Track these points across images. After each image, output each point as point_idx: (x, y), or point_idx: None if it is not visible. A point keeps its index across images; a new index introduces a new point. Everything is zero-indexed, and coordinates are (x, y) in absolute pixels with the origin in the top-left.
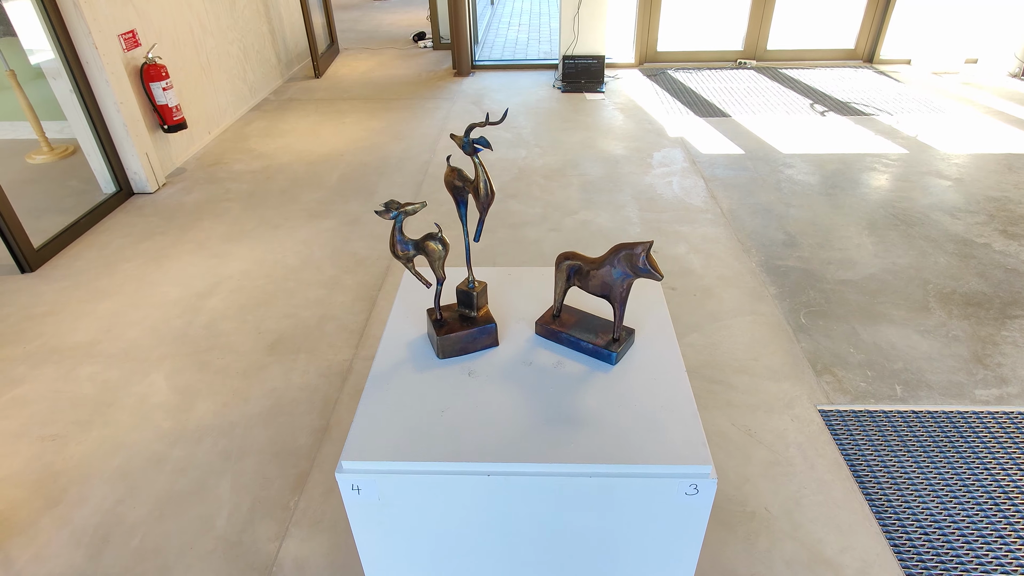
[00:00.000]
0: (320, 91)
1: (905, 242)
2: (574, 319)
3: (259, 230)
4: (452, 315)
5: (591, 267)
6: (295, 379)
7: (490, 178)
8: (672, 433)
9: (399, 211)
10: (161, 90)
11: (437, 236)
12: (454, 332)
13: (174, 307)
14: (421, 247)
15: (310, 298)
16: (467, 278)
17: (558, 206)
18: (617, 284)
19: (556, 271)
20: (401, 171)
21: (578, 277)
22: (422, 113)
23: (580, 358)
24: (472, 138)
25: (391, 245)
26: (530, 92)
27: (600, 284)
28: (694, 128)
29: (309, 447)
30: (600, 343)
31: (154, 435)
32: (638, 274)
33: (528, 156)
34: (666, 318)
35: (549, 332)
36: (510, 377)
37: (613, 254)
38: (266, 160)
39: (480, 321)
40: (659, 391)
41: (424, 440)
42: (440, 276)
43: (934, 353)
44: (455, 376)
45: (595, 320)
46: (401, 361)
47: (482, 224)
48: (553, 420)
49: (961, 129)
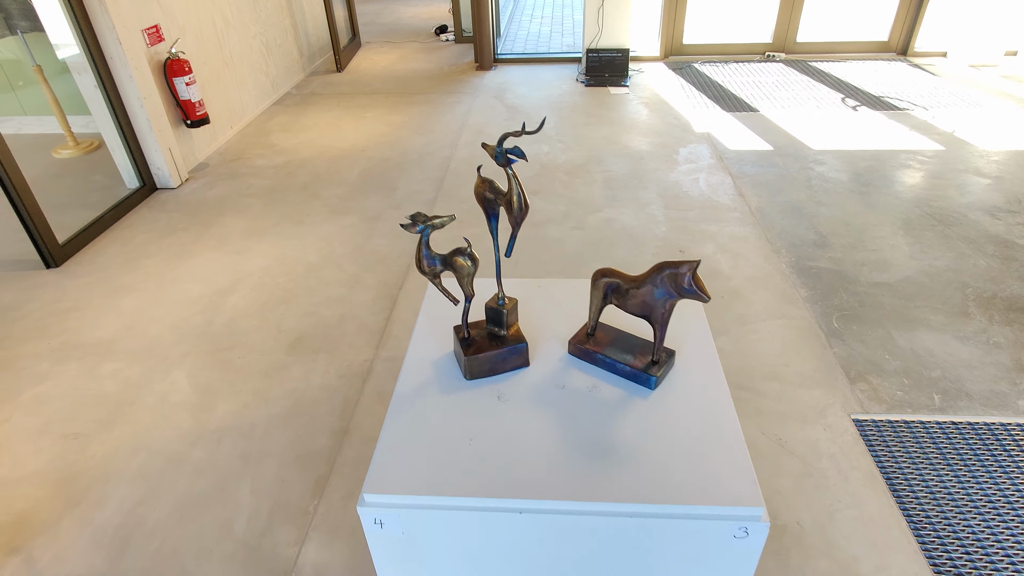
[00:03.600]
0: (342, 85)
1: (942, 243)
2: (610, 338)
3: (280, 226)
4: (480, 333)
5: (631, 285)
6: (315, 379)
7: (524, 191)
8: (719, 469)
9: (426, 224)
10: (184, 85)
11: (466, 251)
12: (483, 352)
13: (195, 304)
14: (449, 263)
15: (331, 296)
16: (496, 294)
17: (581, 203)
18: (659, 305)
19: (592, 288)
20: (422, 167)
21: (616, 295)
22: (443, 108)
23: (616, 381)
24: (505, 148)
25: (417, 260)
26: (553, 86)
27: (640, 304)
28: (721, 123)
29: (329, 450)
30: (639, 366)
31: (175, 435)
32: (682, 295)
33: (551, 152)
34: (708, 338)
35: (583, 352)
36: (542, 401)
37: (655, 273)
38: (288, 155)
39: (510, 340)
40: (703, 420)
41: (452, 472)
42: (469, 293)
43: (974, 361)
44: (484, 399)
45: (632, 340)
46: (426, 382)
47: (514, 239)
48: (589, 451)
49: (1000, 125)
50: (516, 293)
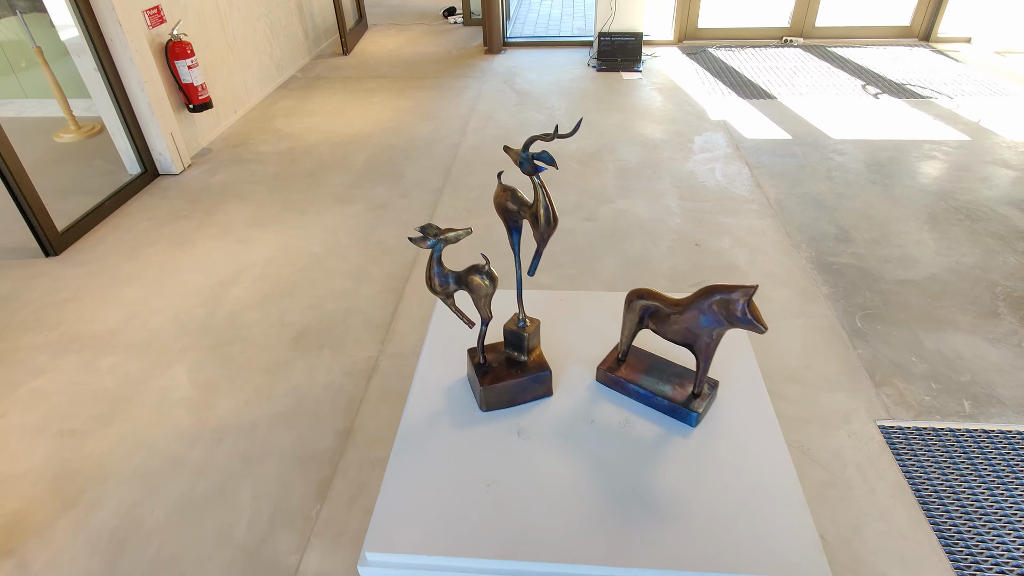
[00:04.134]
0: (348, 69)
1: (970, 239)
2: (644, 365)
3: (284, 215)
4: (498, 358)
5: (672, 310)
6: (319, 377)
7: (553, 202)
8: (775, 528)
9: (438, 238)
10: (186, 68)
11: (484, 269)
12: (501, 381)
13: (197, 296)
14: (464, 281)
15: (335, 289)
16: (516, 315)
17: (593, 193)
18: (705, 333)
19: (626, 311)
20: (430, 154)
21: (654, 320)
22: (451, 93)
23: (652, 415)
24: (532, 153)
25: (427, 278)
26: (564, 71)
27: (683, 331)
28: (737, 110)
29: (332, 451)
30: (678, 399)
31: (174, 433)
32: (734, 324)
33: (561, 140)
34: (753, 366)
35: (614, 381)
36: (568, 439)
37: (703, 297)
38: (292, 141)
39: (532, 367)
40: (753, 466)
41: (465, 526)
42: (486, 316)
43: (1005, 365)
44: (502, 435)
45: (669, 367)
46: (436, 413)
47: (540, 256)
48: (623, 502)
49: None
50: (535, 307)
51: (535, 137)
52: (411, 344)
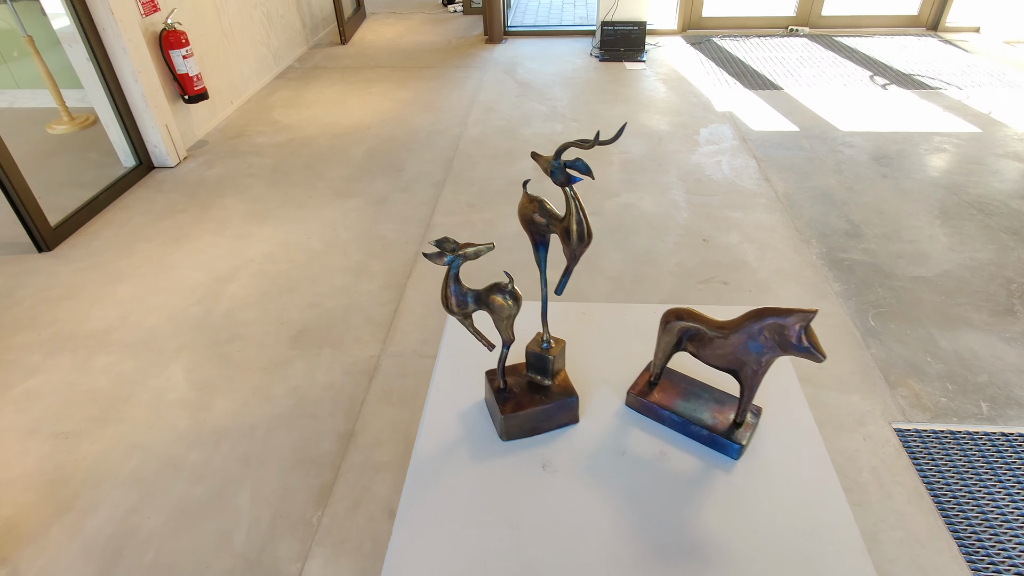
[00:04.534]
0: (346, 58)
1: (983, 234)
2: (678, 389)
3: (283, 209)
4: (519, 382)
5: (716, 333)
6: (319, 376)
7: (587, 216)
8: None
9: (456, 254)
10: (181, 58)
11: (507, 288)
12: (524, 408)
13: (193, 293)
14: (484, 301)
15: (335, 285)
16: (540, 335)
17: (598, 187)
18: (753, 360)
19: (661, 332)
20: (431, 146)
21: (694, 343)
22: (452, 83)
23: (689, 446)
24: (564, 161)
25: (443, 296)
26: (566, 61)
27: (727, 357)
28: (743, 102)
29: (333, 455)
30: (719, 428)
31: (170, 436)
32: (788, 351)
33: (564, 131)
34: (797, 390)
35: (646, 407)
36: (598, 473)
37: (753, 320)
38: (290, 133)
39: (557, 393)
40: (804, 505)
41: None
42: (508, 338)
43: (1023, 365)
44: (524, 469)
45: (707, 391)
46: (451, 443)
47: (570, 274)
48: (661, 545)
49: None
50: (554, 322)
51: (569, 144)
52: (413, 343)
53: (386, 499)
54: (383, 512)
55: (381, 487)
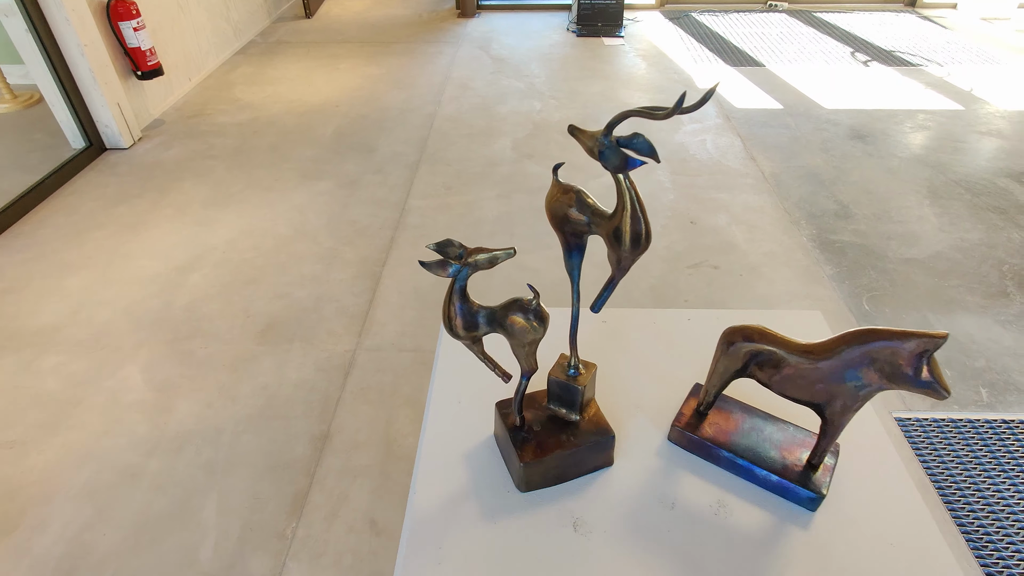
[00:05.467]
0: (312, 33)
1: (972, 214)
2: (734, 420)
3: (247, 193)
4: (539, 417)
5: (800, 359)
6: (290, 374)
7: (646, 214)
8: None
9: (464, 262)
10: (132, 30)
11: (531, 307)
12: (547, 452)
13: (151, 284)
14: (500, 322)
15: (305, 274)
16: (567, 359)
17: (580, 167)
18: (847, 394)
19: (721, 354)
20: (403, 125)
21: (764, 370)
22: (424, 59)
23: (752, 493)
24: (618, 138)
25: (446, 316)
26: (542, 36)
27: (812, 388)
28: (725, 78)
29: (307, 459)
30: (791, 472)
31: (128, 442)
32: (899, 384)
33: (544, 109)
34: (873, 419)
35: (695, 444)
36: (643, 531)
37: (854, 344)
38: (253, 111)
39: (588, 431)
40: (904, 569)
41: None
42: (529, 367)
43: (1020, 348)
44: (551, 528)
45: (770, 423)
46: (455, 496)
47: (614, 287)
48: None
49: (1020, 83)
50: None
51: (630, 113)
52: (391, 335)
53: (366, 507)
54: (363, 522)
55: (360, 494)
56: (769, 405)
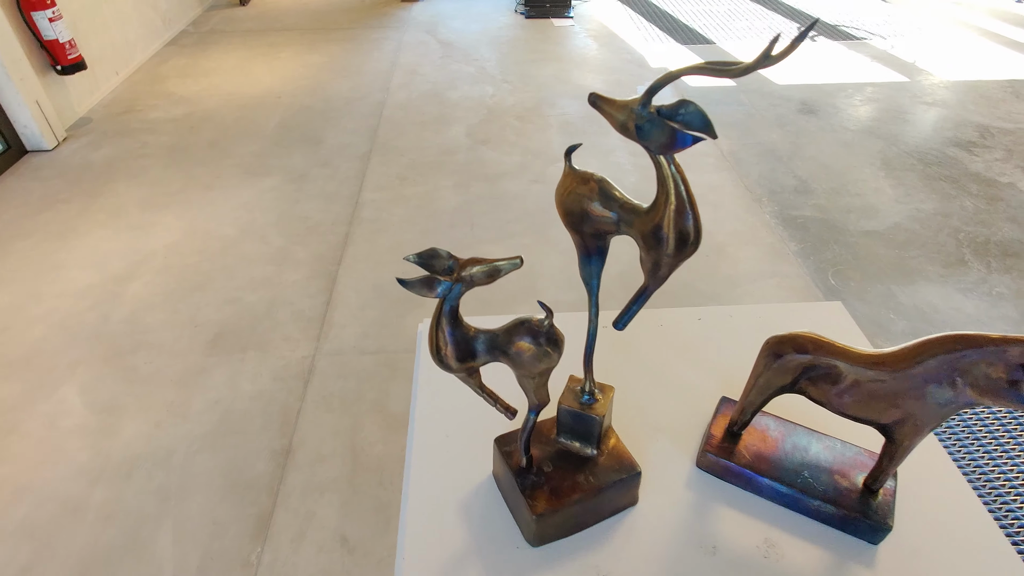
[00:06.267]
0: (248, 21)
1: (925, 184)
2: (773, 440)
3: (187, 192)
4: (547, 453)
5: (869, 373)
6: (244, 385)
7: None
8: None
9: (456, 279)
10: (47, 21)
11: (542, 329)
12: (564, 499)
13: (86, 296)
14: (503, 349)
15: (255, 277)
16: (580, 384)
17: (538, 152)
18: (928, 413)
19: (764, 368)
20: (351, 115)
21: (818, 385)
22: (369, 45)
23: (802, 526)
24: (661, 108)
25: (433, 346)
26: (490, 19)
27: (883, 405)
28: (677, 57)
29: (269, 476)
30: (847, 499)
31: (68, 472)
32: (996, 400)
33: (496, 94)
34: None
35: (731, 472)
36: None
37: (939, 354)
38: (189, 105)
39: (609, 467)
40: None
41: None
42: (541, 400)
43: (981, 315)
44: None
45: (814, 440)
46: (454, 557)
47: (647, 298)
48: None
49: (960, 54)
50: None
51: (685, 71)
52: (351, 338)
53: (335, 524)
54: (334, 540)
55: (328, 511)
56: (804, 416)
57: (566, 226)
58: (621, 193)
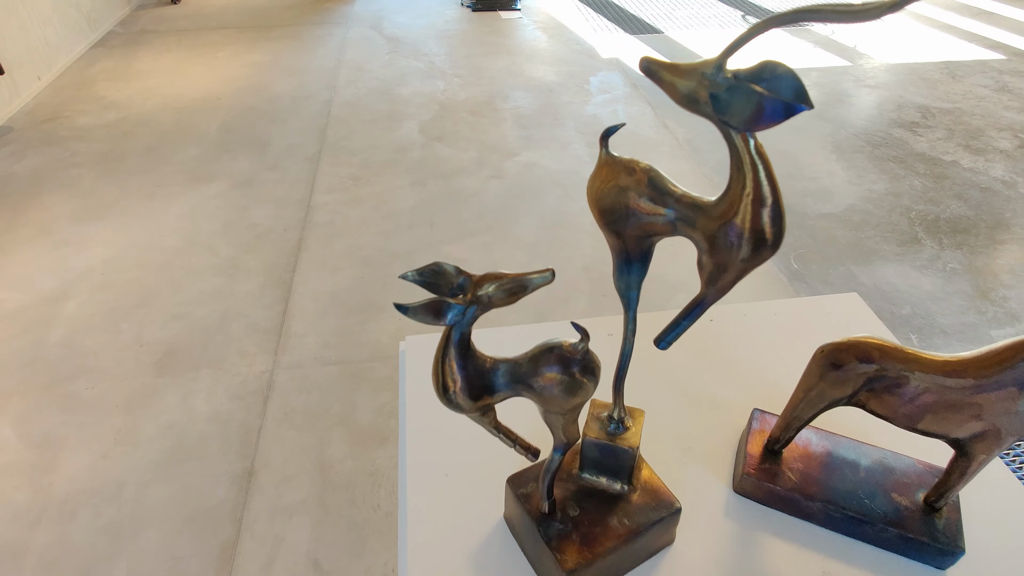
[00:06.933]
0: (181, 20)
1: (875, 166)
2: (817, 457)
3: (124, 203)
4: (570, 492)
5: (947, 377)
6: (199, 406)
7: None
8: None
9: (470, 300)
10: None
11: (575, 355)
12: (597, 549)
13: (16, 320)
14: (525, 381)
15: (204, 290)
16: (611, 410)
17: (494, 147)
18: (1018, 424)
19: (819, 379)
20: (298, 115)
21: (882, 397)
22: (312, 42)
23: (860, 553)
24: (736, 74)
25: (439, 383)
26: (436, 12)
27: (962, 417)
28: (627, 47)
29: (232, 502)
30: (910, 521)
31: (5, 514)
32: None
33: (448, 89)
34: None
35: (776, 497)
36: None
37: None
38: (121, 110)
39: (645, 506)
40: None
41: None
42: (571, 437)
43: (938, 292)
44: None
45: (863, 454)
46: None
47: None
48: None
49: (896, 37)
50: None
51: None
52: (312, 348)
53: (307, 548)
54: (305, 565)
55: (298, 534)
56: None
57: (602, 227)
58: (676, 185)
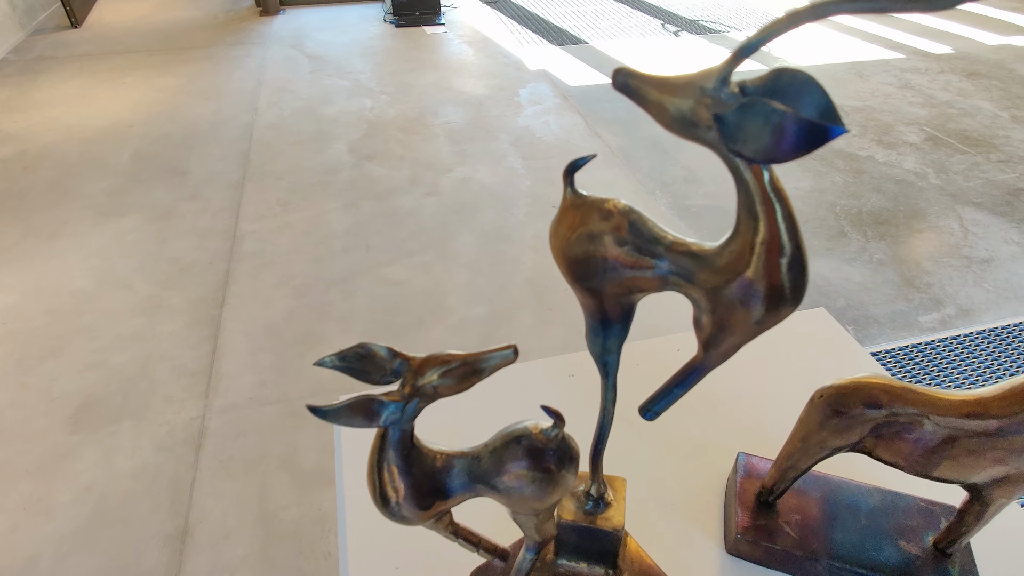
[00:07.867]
0: (83, 45)
1: (798, 164)
2: (815, 504)
3: (25, 244)
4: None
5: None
6: (121, 463)
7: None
8: None
9: (411, 394)
10: None
11: (548, 444)
12: None
13: None
14: (487, 480)
15: (122, 334)
16: (586, 488)
17: (427, 164)
18: None
19: (819, 426)
20: (217, 140)
21: (890, 440)
22: (229, 64)
23: None
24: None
25: (377, 491)
26: (359, 29)
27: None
28: (553, 58)
29: (165, 567)
30: (922, 570)
31: None
32: None
33: (375, 106)
34: None
35: (775, 556)
36: None
37: None
38: (19, 143)
39: None
40: None
41: None
42: (540, 538)
43: (867, 282)
44: None
45: (862, 497)
46: None
47: (695, 381)
48: None
49: (807, 41)
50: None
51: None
52: (246, 388)
53: None
54: None
55: None
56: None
57: (571, 283)
58: (664, 229)
